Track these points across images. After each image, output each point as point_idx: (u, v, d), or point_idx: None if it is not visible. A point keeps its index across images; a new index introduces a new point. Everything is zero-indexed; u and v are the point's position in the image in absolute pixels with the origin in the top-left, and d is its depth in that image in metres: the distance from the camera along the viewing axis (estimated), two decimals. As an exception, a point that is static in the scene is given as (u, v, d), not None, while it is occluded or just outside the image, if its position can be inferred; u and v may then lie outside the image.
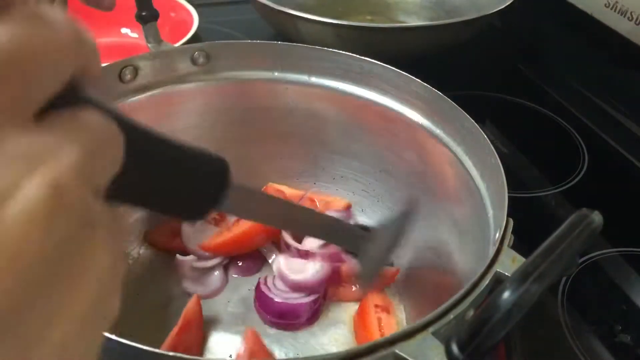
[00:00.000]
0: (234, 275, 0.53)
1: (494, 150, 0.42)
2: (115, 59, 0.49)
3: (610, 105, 0.81)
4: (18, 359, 0.14)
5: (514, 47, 0.96)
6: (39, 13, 0.15)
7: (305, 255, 0.51)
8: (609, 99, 0.81)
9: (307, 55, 0.54)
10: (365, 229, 0.35)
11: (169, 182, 0.20)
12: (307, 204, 0.57)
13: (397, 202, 0.55)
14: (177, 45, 0.75)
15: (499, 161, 0.41)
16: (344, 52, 0.53)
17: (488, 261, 0.33)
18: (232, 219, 0.54)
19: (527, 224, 0.41)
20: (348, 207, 0.58)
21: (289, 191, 0.59)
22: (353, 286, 0.52)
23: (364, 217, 0.58)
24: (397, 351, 0.27)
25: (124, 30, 0.91)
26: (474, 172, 0.45)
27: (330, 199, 0.59)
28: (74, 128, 0.15)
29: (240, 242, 0.52)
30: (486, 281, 0.32)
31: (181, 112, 0.55)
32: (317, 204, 0.58)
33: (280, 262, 0.51)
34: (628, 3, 0.75)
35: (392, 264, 0.53)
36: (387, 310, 0.49)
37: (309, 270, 0.50)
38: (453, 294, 0.30)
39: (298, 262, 0.51)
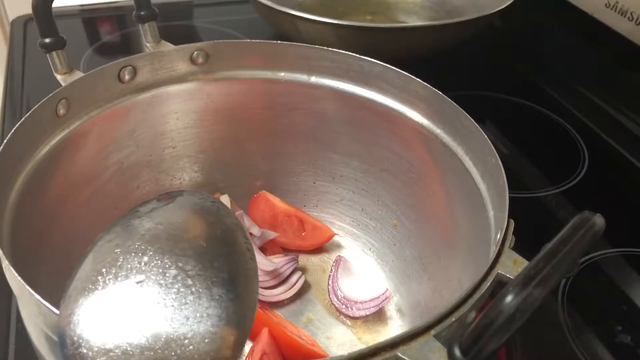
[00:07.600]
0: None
1: (494, 150, 0.42)
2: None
3: (610, 105, 0.81)
4: None
5: (514, 47, 0.96)
6: None
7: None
8: (609, 99, 0.81)
9: (307, 55, 0.53)
10: None
11: None
12: (294, 224, 0.57)
13: (397, 201, 0.55)
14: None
15: (500, 161, 0.41)
16: (344, 52, 0.52)
17: (489, 263, 0.33)
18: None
19: (527, 224, 0.41)
20: (330, 238, 0.57)
21: (281, 205, 0.58)
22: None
23: (364, 217, 0.58)
24: (399, 354, 0.27)
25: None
26: (474, 172, 0.45)
27: (319, 225, 0.58)
28: None
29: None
30: (487, 283, 0.32)
31: (180, 112, 0.55)
32: (304, 227, 0.57)
33: None
34: (628, 3, 0.75)
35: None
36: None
37: None
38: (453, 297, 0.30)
39: None
